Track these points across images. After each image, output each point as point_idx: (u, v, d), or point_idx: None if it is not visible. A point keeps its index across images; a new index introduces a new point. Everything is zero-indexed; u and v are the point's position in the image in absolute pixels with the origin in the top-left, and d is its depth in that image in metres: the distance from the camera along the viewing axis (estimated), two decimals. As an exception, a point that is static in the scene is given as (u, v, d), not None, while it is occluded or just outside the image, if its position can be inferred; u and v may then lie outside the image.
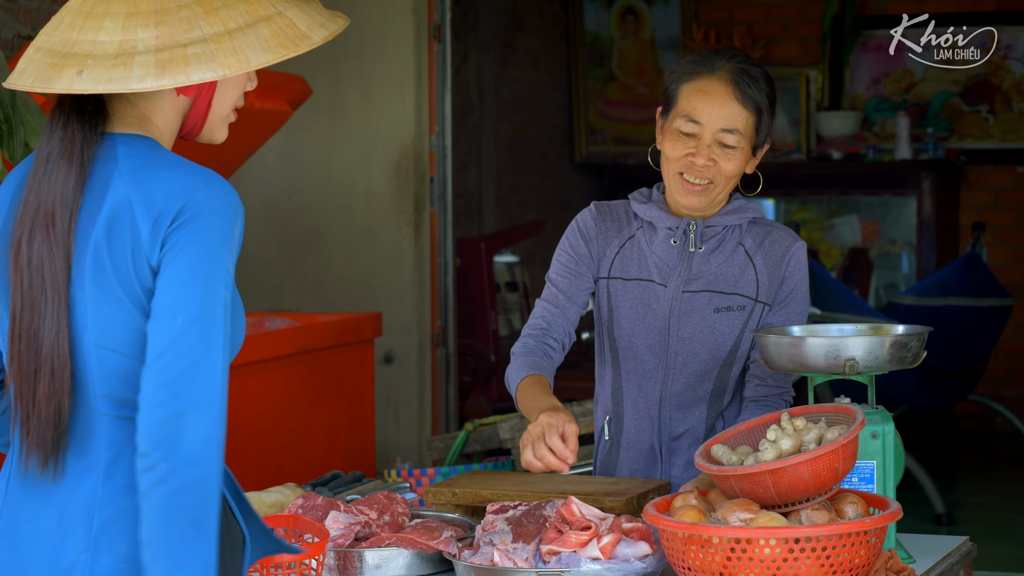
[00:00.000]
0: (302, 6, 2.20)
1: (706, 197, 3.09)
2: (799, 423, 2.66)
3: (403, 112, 6.46)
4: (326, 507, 2.85)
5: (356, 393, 5.56)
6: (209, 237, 2.08)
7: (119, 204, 2.10)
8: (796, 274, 3.17)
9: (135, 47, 2.09)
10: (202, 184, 2.11)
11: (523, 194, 8.95)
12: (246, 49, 2.11)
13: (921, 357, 2.94)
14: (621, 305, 3.17)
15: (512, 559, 2.63)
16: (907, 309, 7.46)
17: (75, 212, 2.11)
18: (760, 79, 3.09)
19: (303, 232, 6.60)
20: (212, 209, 2.09)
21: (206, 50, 2.09)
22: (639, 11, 9.50)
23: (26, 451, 2.13)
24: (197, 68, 2.09)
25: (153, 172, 2.12)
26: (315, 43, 2.17)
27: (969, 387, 7.71)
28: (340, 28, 2.22)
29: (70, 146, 2.14)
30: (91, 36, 2.11)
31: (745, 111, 3.07)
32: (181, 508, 2.02)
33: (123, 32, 2.10)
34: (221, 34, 2.11)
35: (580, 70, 9.48)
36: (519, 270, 8.01)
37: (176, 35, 2.10)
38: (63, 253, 2.11)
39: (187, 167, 2.13)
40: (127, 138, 2.17)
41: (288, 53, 2.14)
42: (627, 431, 3.22)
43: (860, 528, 2.47)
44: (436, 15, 6.47)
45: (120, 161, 2.13)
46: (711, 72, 3.08)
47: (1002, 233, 9.13)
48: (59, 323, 2.11)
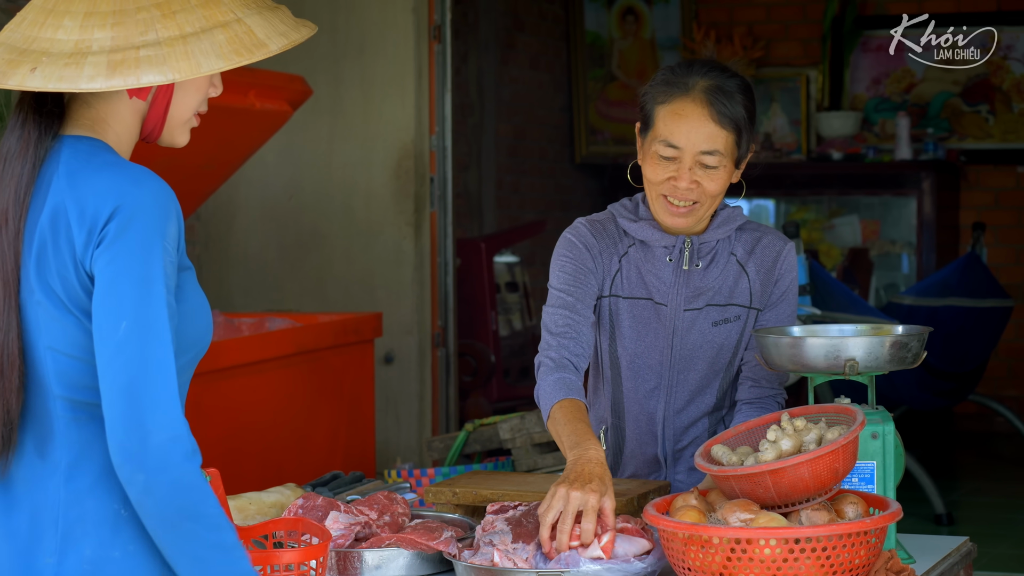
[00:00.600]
0: (264, 13, 2.18)
1: (692, 217, 3.04)
2: (799, 423, 2.66)
3: (403, 112, 6.46)
4: (326, 507, 2.85)
5: (356, 393, 5.56)
6: (140, 238, 2.07)
7: (56, 209, 2.11)
8: (787, 276, 3.15)
9: (90, 47, 2.09)
10: (130, 184, 2.10)
11: (523, 194, 8.95)
12: (198, 54, 2.10)
13: (921, 357, 2.94)
14: (623, 324, 3.13)
15: (512, 559, 2.63)
16: (907, 309, 7.46)
17: (24, 213, 2.12)
18: (736, 92, 3.01)
19: (303, 232, 6.60)
20: (141, 209, 2.08)
21: (158, 53, 2.09)
22: (639, 11, 9.50)
23: None
24: (147, 71, 2.08)
25: (87, 176, 2.12)
26: (272, 51, 2.15)
27: (969, 387, 7.71)
28: (303, 37, 2.20)
29: (25, 145, 2.14)
30: (50, 34, 2.12)
31: (723, 131, 2.99)
32: (176, 509, 2.04)
33: (80, 31, 2.10)
34: (175, 38, 2.10)
35: (580, 70, 9.48)
36: (519, 270, 8.01)
37: (131, 37, 2.10)
38: (12, 254, 2.12)
39: (119, 168, 2.12)
40: (73, 140, 2.17)
41: (241, 60, 2.13)
42: (629, 443, 3.21)
43: (860, 528, 2.47)
44: (436, 15, 6.47)
45: (61, 164, 2.14)
46: (685, 93, 2.99)
47: (1002, 233, 9.13)
48: (8, 324, 2.11)
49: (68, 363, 2.12)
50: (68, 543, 2.11)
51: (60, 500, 2.12)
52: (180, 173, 2.28)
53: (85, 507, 2.11)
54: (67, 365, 2.12)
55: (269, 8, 2.20)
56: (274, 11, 2.21)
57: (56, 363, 2.12)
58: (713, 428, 3.18)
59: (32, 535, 2.13)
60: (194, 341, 2.18)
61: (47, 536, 2.12)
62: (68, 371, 2.12)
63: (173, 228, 2.11)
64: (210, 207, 6.49)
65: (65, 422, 2.13)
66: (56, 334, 2.11)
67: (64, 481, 2.12)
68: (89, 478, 2.12)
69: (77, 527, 2.11)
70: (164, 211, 2.11)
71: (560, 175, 9.35)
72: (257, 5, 2.19)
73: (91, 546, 2.11)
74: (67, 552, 2.11)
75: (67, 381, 2.12)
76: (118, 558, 2.10)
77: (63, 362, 2.12)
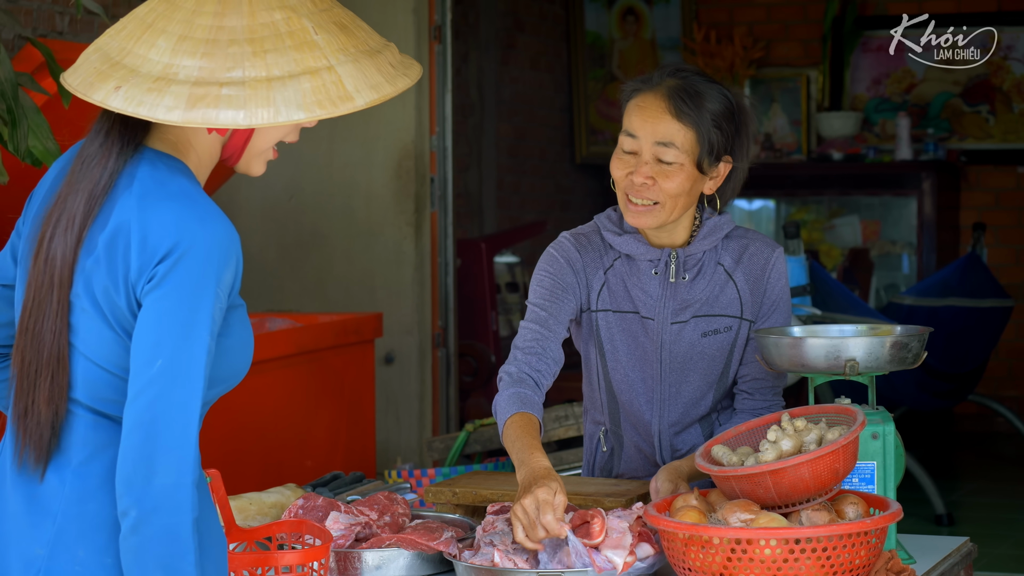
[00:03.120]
0: (362, 61, 2.11)
1: (653, 217, 3.02)
2: (799, 424, 2.66)
3: (404, 112, 6.46)
4: (326, 508, 2.85)
5: (357, 394, 5.56)
6: (193, 279, 2.05)
7: (120, 226, 2.09)
8: (778, 284, 3.13)
9: (176, 74, 2.05)
10: (196, 222, 2.07)
11: (524, 194, 8.95)
12: (280, 101, 2.05)
13: (921, 358, 2.94)
14: (614, 338, 3.12)
15: (512, 559, 2.63)
16: (907, 309, 7.46)
17: (89, 220, 2.11)
18: (706, 95, 3.01)
19: (304, 232, 6.60)
20: (200, 250, 2.06)
21: (240, 94, 2.04)
22: (639, 11, 9.50)
23: (22, 446, 2.13)
24: (225, 111, 2.04)
25: (156, 202, 2.09)
26: (358, 106, 2.08)
27: (969, 388, 7.71)
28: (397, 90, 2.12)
29: (107, 153, 2.13)
30: (143, 50, 2.09)
31: (682, 126, 2.99)
32: (154, 556, 2.01)
33: (171, 55, 2.07)
34: (260, 80, 2.05)
35: (581, 70, 9.48)
36: (519, 270, 8.01)
37: (217, 71, 2.05)
38: (71, 256, 2.11)
39: (188, 202, 2.09)
40: (154, 157, 2.15)
41: (324, 113, 2.06)
42: (627, 449, 3.21)
43: (860, 529, 2.47)
44: (436, 15, 6.47)
45: (136, 182, 2.12)
46: (651, 88, 3.03)
47: (1002, 234, 9.12)
48: (60, 328, 2.11)
49: (97, 374, 2.12)
50: (61, 542, 2.11)
51: (63, 497, 2.12)
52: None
53: (86, 508, 2.12)
54: (96, 376, 2.12)
55: (369, 54, 2.13)
56: (372, 57, 2.13)
57: (85, 371, 2.12)
58: (708, 437, 3.17)
59: (32, 526, 2.13)
60: (228, 376, 2.17)
61: (41, 530, 2.12)
62: (96, 382, 2.12)
63: (230, 273, 2.09)
64: (210, 207, 6.48)
65: (83, 426, 2.13)
66: (92, 344, 2.11)
67: (71, 479, 2.12)
68: (95, 481, 2.12)
69: (74, 526, 2.11)
70: (224, 255, 2.08)
71: (560, 175, 9.35)
72: (356, 50, 2.12)
73: (85, 549, 2.10)
74: (59, 548, 2.11)
75: (92, 391, 2.12)
76: (110, 565, 2.10)
77: (92, 372, 2.12)
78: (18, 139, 3.34)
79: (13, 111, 3.33)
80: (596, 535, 2.60)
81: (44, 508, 2.13)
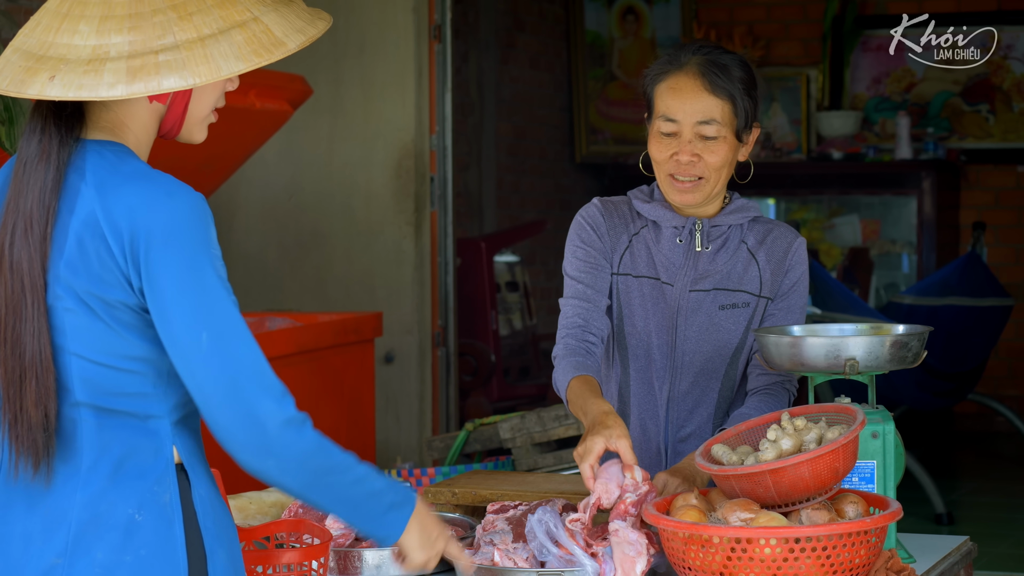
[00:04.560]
0: (280, 9, 2.16)
1: (700, 193, 3.09)
2: (799, 423, 2.66)
3: (403, 112, 6.46)
4: (326, 507, 2.85)
5: (356, 393, 5.56)
6: (187, 249, 2.08)
7: (87, 219, 2.09)
8: (799, 268, 3.18)
9: (108, 52, 2.07)
10: (163, 196, 2.09)
11: (523, 194, 8.95)
12: (218, 57, 2.08)
13: (921, 357, 2.94)
14: (632, 302, 3.16)
15: (512, 559, 2.63)
16: (907, 309, 7.46)
17: (51, 217, 2.11)
18: (731, 65, 3.09)
19: (304, 232, 6.60)
20: (180, 221, 2.08)
21: (177, 57, 2.07)
22: (639, 11, 9.50)
23: (15, 455, 2.13)
24: (168, 76, 2.06)
25: (116, 186, 2.10)
26: (290, 50, 2.14)
27: (969, 387, 7.71)
28: (320, 31, 2.19)
29: (47, 150, 2.12)
30: (66, 39, 2.10)
31: (719, 100, 3.07)
32: (313, 472, 2.13)
33: (97, 36, 2.08)
34: (193, 41, 2.08)
35: (580, 70, 9.48)
36: (519, 270, 8.01)
37: (149, 41, 2.07)
38: (40, 258, 2.11)
39: (148, 179, 2.11)
40: (97, 146, 2.15)
41: (261, 61, 2.11)
42: (632, 431, 3.21)
43: (860, 528, 2.47)
44: (436, 15, 6.47)
45: (87, 173, 2.12)
46: (679, 68, 3.09)
47: (1002, 233, 9.13)
48: (39, 329, 2.11)
49: (95, 370, 2.11)
50: (79, 546, 2.10)
51: (76, 503, 2.11)
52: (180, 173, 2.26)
53: (98, 510, 2.11)
54: (94, 372, 2.11)
55: (283, 3, 2.18)
56: (289, 6, 2.19)
57: (82, 369, 2.11)
58: (718, 420, 3.18)
59: (43, 537, 2.12)
60: None
61: (56, 538, 2.11)
62: (95, 378, 2.11)
63: (213, 232, 2.13)
64: (210, 206, 6.47)
65: (87, 427, 2.13)
66: (84, 340, 2.11)
67: (83, 484, 2.12)
68: (104, 482, 2.12)
69: (90, 530, 2.11)
70: (202, 217, 2.11)
71: (560, 175, 9.35)
72: (272, 1, 2.17)
73: (103, 550, 2.10)
74: (77, 555, 2.10)
75: (92, 387, 2.12)
76: (130, 563, 2.10)
77: (89, 369, 2.11)
78: (15, 137, 3.35)
79: (10, 109, 3.34)
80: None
81: (55, 517, 2.12)
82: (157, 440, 2.14)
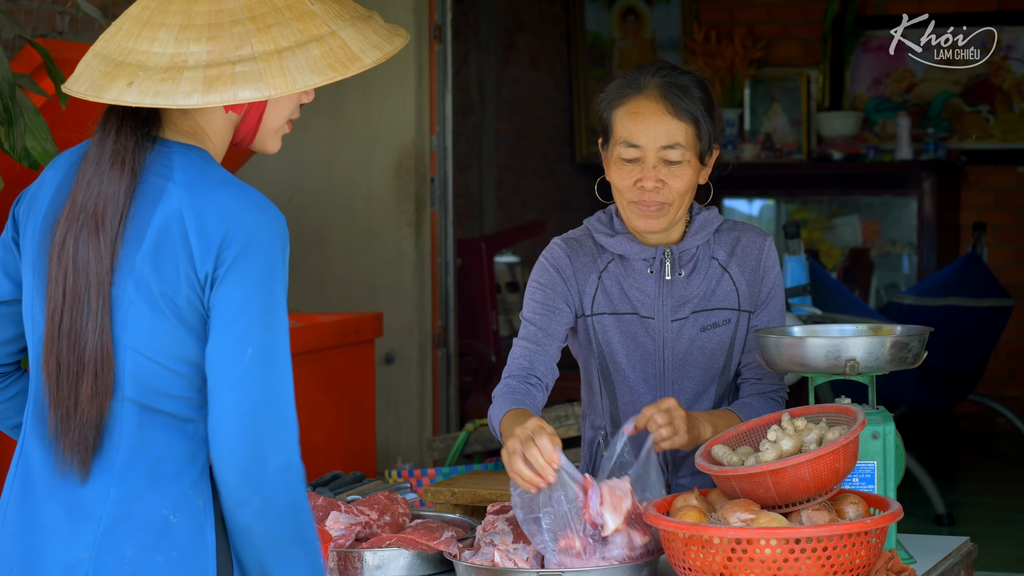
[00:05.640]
0: (358, 25, 2.18)
1: (665, 218, 3.02)
2: (800, 423, 2.66)
3: (404, 112, 6.46)
4: (327, 507, 2.85)
5: (357, 393, 5.56)
6: (266, 265, 2.10)
7: (171, 216, 2.11)
8: (772, 271, 3.13)
9: (185, 61, 2.09)
10: (255, 209, 2.11)
11: (524, 194, 8.95)
12: (294, 70, 2.10)
13: (922, 357, 2.94)
14: (612, 340, 3.10)
15: (512, 559, 2.63)
16: (907, 309, 7.46)
17: (124, 216, 2.12)
18: (691, 87, 3.01)
19: (304, 232, 6.60)
20: (265, 236, 2.11)
21: (254, 69, 2.09)
22: (640, 11, 9.50)
23: (63, 450, 2.13)
24: (243, 87, 2.08)
25: (207, 190, 2.12)
26: (366, 65, 2.15)
27: (969, 388, 7.71)
28: (396, 48, 2.20)
29: (122, 151, 2.14)
30: (145, 46, 2.12)
31: (682, 123, 2.99)
32: (283, 533, 2.09)
33: (176, 45, 2.10)
34: (271, 53, 2.10)
35: (581, 70, 9.48)
36: (520, 270, 8.01)
37: (226, 51, 2.09)
38: (109, 256, 2.11)
39: (240, 189, 2.14)
40: (184, 149, 2.17)
41: (337, 75, 2.13)
42: None
43: (861, 528, 2.47)
44: (437, 15, 6.47)
45: (176, 172, 2.14)
46: (639, 92, 3.00)
47: (1003, 233, 9.13)
48: (103, 325, 2.11)
49: (148, 367, 2.12)
50: (107, 542, 2.10)
51: (108, 499, 2.11)
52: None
53: (132, 508, 2.11)
54: (146, 369, 2.12)
55: (362, 18, 2.20)
56: (367, 21, 2.20)
57: (135, 365, 2.12)
58: None
59: (71, 530, 2.12)
60: None
61: (85, 532, 2.11)
62: (146, 375, 2.12)
63: (288, 255, 2.14)
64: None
65: (128, 424, 2.13)
66: (143, 337, 2.11)
67: (116, 480, 2.12)
68: (142, 481, 2.12)
69: (121, 527, 2.11)
70: (284, 239, 2.13)
71: (560, 175, 9.35)
72: (351, 16, 2.18)
73: (134, 548, 2.10)
74: (105, 551, 2.10)
75: (142, 385, 2.12)
76: (161, 563, 2.10)
77: (143, 365, 2.12)
78: (14, 138, 3.34)
79: (10, 110, 3.33)
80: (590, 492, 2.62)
81: (86, 511, 2.12)
82: (194, 444, 2.15)
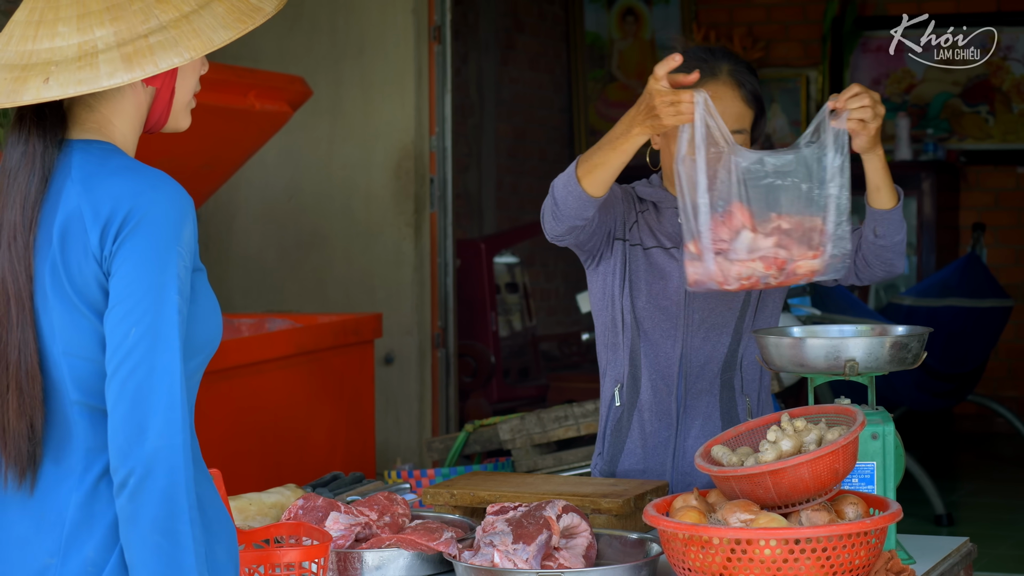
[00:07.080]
0: None
1: None
2: (799, 424, 2.66)
3: (403, 113, 6.46)
4: (326, 508, 2.85)
5: (356, 394, 5.56)
6: (156, 242, 2.07)
7: (71, 213, 2.10)
8: None
9: (95, 46, 2.08)
10: (148, 188, 2.09)
11: (523, 195, 8.95)
12: (207, 30, 2.11)
13: (921, 358, 2.94)
14: (639, 270, 3.23)
15: (512, 560, 2.63)
16: (907, 310, 7.46)
17: (34, 224, 2.11)
18: (750, 73, 3.18)
19: (303, 233, 6.60)
20: (158, 213, 2.08)
21: (168, 37, 2.09)
22: (639, 12, 9.50)
23: (4, 466, 2.13)
24: (163, 55, 2.08)
25: (103, 179, 2.11)
26: (269, 13, 2.17)
27: (969, 388, 7.71)
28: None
29: (31, 158, 2.13)
30: (47, 44, 2.10)
31: (750, 110, 3.15)
32: (151, 520, 2.03)
33: (79, 34, 2.09)
34: (178, 19, 2.11)
35: (580, 71, 9.48)
36: (519, 271, 8.00)
37: (134, 27, 2.09)
38: (24, 267, 2.11)
39: (136, 171, 2.12)
40: (84, 144, 2.16)
41: (246, 27, 2.14)
42: (643, 393, 3.24)
43: (860, 529, 2.47)
44: (436, 16, 6.47)
45: (73, 169, 2.12)
46: (715, 76, 3.14)
47: (1002, 234, 9.13)
48: (25, 339, 2.11)
49: (84, 367, 2.11)
50: (72, 544, 2.10)
51: (71, 503, 2.11)
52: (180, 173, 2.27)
53: (92, 509, 2.11)
54: (83, 369, 2.11)
55: None
56: None
57: (72, 368, 2.11)
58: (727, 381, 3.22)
59: (37, 539, 2.13)
60: (204, 344, 2.17)
61: (50, 539, 2.11)
62: (84, 375, 2.11)
63: (189, 233, 2.11)
64: (210, 207, 6.49)
65: (81, 427, 2.13)
66: (72, 339, 2.11)
67: (77, 485, 2.12)
68: (97, 480, 2.12)
69: (82, 528, 2.11)
70: (181, 216, 2.10)
71: (560, 176, 9.34)
72: None
73: (94, 547, 2.10)
74: (70, 553, 2.10)
75: (84, 386, 2.12)
76: (115, 561, 2.10)
77: (80, 366, 2.11)
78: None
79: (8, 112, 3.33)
80: None
81: (50, 519, 2.12)
82: None
